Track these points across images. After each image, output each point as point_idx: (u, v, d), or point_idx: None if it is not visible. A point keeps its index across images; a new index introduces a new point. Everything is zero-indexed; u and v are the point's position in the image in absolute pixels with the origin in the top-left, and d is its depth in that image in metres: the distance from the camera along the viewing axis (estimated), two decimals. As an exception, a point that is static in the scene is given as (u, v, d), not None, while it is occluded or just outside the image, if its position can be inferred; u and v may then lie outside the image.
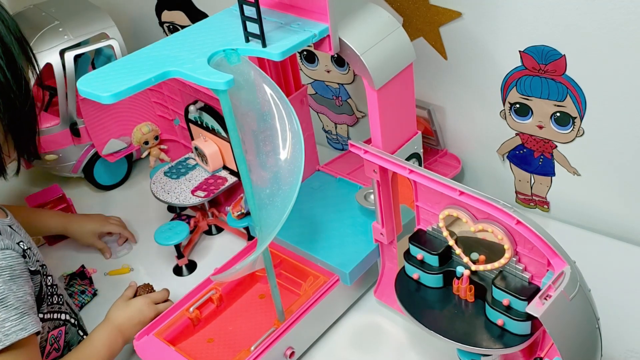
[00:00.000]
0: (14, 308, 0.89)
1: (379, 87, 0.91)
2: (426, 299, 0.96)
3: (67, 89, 1.37)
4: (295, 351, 1.04)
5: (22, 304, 0.90)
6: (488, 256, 0.90)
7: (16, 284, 0.90)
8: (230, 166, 1.30)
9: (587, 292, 0.81)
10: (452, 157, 1.33)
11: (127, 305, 1.10)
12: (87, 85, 0.79)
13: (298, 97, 1.21)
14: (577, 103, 1.09)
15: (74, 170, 1.47)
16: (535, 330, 0.86)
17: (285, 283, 1.13)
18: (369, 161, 0.97)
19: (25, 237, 1.02)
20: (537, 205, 1.30)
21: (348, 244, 1.12)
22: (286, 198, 0.79)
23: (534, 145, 1.20)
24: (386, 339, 1.10)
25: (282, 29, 0.87)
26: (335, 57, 1.38)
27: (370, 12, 0.92)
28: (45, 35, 1.35)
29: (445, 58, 1.20)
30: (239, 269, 0.92)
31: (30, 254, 0.99)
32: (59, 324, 1.06)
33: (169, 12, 1.60)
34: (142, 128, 1.38)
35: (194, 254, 1.31)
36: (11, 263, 0.91)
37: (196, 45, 0.86)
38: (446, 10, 1.13)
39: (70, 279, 1.26)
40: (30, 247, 1.00)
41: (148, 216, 1.42)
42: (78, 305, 1.22)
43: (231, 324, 1.10)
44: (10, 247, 0.92)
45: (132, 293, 1.13)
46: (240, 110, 0.82)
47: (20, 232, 1.01)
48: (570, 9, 1.00)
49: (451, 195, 0.88)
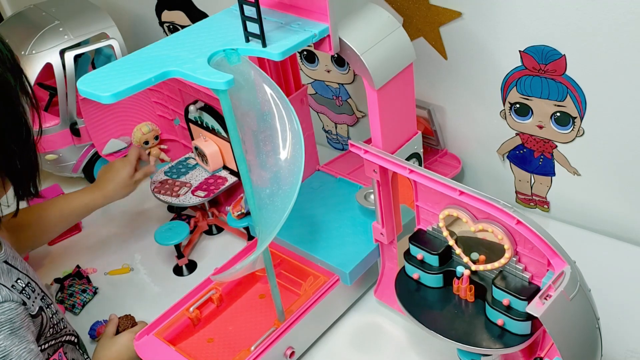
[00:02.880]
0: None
1: (379, 87, 0.91)
2: (426, 299, 0.96)
3: (67, 89, 1.37)
4: (295, 351, 1.04)
5: (26, 355, 0.86)
6: (488, 256, 0.91)
7: (18, 337, 0.86)
8: (230, 166, 1.30)
9: (587, 292, 0.81)
10: (452, 157, 1.33)
11: (113, 343, 1.08)
12: (87, 85, 0.79)
13: (298, 97, 1.21)
14: (577, 103, 1.09)
15: (74, 170, 1.47)
16: (535, 330, 0.86)
17: (285, 283, 1.13)
18: (369, 161, 0.97)
19: (22, 266, 0.97)
20: (537, 205, 1.30)
21: (348, 244, 1.12)
22: (286, 198, 0.79)
23: (534, 145, 1.20)
24: (386, 339, 1.10)
25: (282, 29, 0.87)
26: (335, 57, 1.38)
27: (370, 12, 0.92)
28: (45, 35, 1.35)
29: (445, 58, 1.20)
30: (239, 269, 0.92)
31: (30, 291, 0.93)
32: (58, 347, 1.02)
33: (169, 12, 1.60)
34: (142, 128, 1.38)
35: (194, 254, 1.31)
36: (11, 316, 0.86)
37: (196, 45, 0.86)
38: (446, 10, 1.13)
39: (68, 279, 1.26)
40: (29, 282, 0.95)
41: (148, 216, 1.42)
42: (80, 304, 1.22)
43: (231, 324, 1.10)
44: (9, 299, 0.87)
45: (114, 329, 1.11)
46: (240, 110, 0.82)
47: (16, 264, 0.96)
48: (570, 9, 1.00)
49: (451, 195, 0.88)
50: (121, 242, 1.38)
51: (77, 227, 1.39)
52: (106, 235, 1.40)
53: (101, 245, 1.37)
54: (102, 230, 1.41)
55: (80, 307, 1.22)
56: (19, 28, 1.41)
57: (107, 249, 1.36)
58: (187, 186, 1.29)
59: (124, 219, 1.43)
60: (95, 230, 1.41)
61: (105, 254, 1.35)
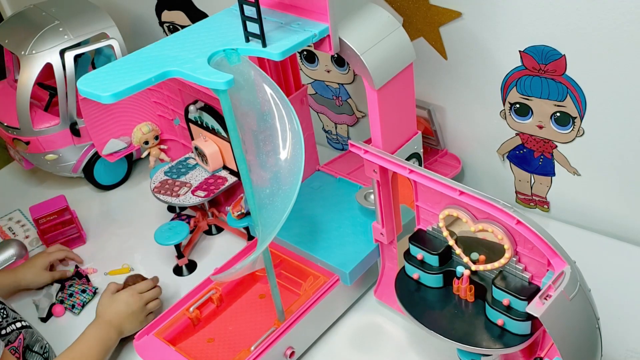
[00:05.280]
0: None
1: (379, 87, 0.91)
2: (426, 299, 0.96)
3: (67, 89, 1.37)
4: (295, 351, 1.04)
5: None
6: (488, 256, 0.90)
7: None
8: (230, 166, 1.30)
9: (587, 292, 0.81)
10: (452, 157, 1.33)
11: (113, 300, 1.11)
12: (87, 85, 0.80)
13: (298, 97, 1.21)
14: (577, 103, 1.09)
15: (74, 170, 1.47)
16: (535, 330, 0.86)
17: (285, 283, 1.13)
18: (369, 161, 0.97)
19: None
20: (537, 205, 1.30)
21: (348, 244, 1.12)
22: (286, 198, 0.79)
23: (534, 145, 1.20)
24: (386, 339, 1.10)
25: (282, 29, 0.87)
26: (335, 57, 1.38)
27: (371, 12, 0.92)
28: (45, 35, 1.35)
29: (445, 58, 1.20)
30: (239, 269, 0.92)
31: None
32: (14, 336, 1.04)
33: (169, 12, 1.60)
34: (142, 128, 1.38)
35: (194, 254, 1.31)
36: None
37: (196, 45, 0.86)
38: (446, 10, 1.13)
39: (68, 280, 1.27)
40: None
41: (148, 216, 1.42)
42: (80, 304, 1.22)
43: (231, 324, 1.10)
44: None
45: (115, 287, 1.14)
46: (240, 110, 0.82)
47: None
48: (570, 9, 1.00)
49: (451, 195, 0.88)
50: (121, 242, 1.38)
51: (81, 238, 1.38)
52: (106, 235, 1.40)
53: (101, 245, 1.37)
54: (102, 231, 1.41)
55: (80, 307, 1.22)
56: (19, 28, 1.41)
57: (107, 249, 1.36)
58: (187, 186, 1.29)
59: (124, 219, 1.43)
60: (96, 230, 1.41)
61: (106, 254, 1.35)
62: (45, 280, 1.25)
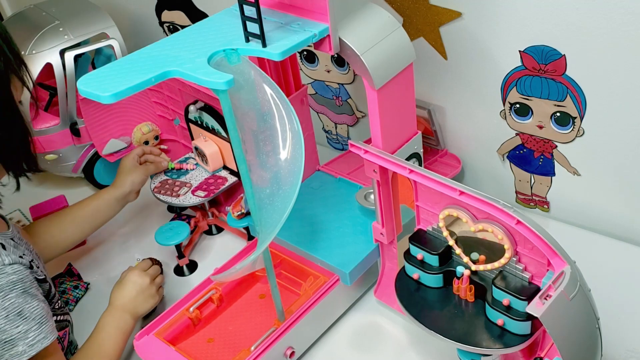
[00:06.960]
0: (32, 319, 0.90)
1: (379, 87, 0.91)
2: (426, 299, 0.96)
3: (67, 89, 1.37)
4: (295, 351, 1.04)
5: (39, 313, 0.92)
6: (488, 256, 0.91)
7: (30, 295, 0.92)
8: (230, 166, 1.30)
9: (587, 292, 0.81)
10: (452, 157, 1.33)
11: (121, 284, 1.13)
12: (87, 85, 0.80)
13: (298, 97, 1.21)
14: (577, 103, 1.09)
15: (74, 170, 1.47)
16: (535, 330, 0.86)
17: (285, 283, 1.13)
18: (369, 161, 0.97)
19: (27, 248, 1.03)
20: (537, 205, 1.30)
21: (348, 244, 1.12)
22: (286, 198, 0.79)
23: (534, 145, 1.20)
24: (386, 339, 1.10)
25: (282, 29, 0.87)
26: (335, 57, 1.38)
27: (370, 12, 0.92)
28: (45, 35, 1.35)
29: (445, 58, 1.20)
30: (239, 269, 0.92)
31: (34, 266, 0.99)
32: (62, 326, 1.08)
33: (169, 12, 1.60)
34: (142, 128, 1.38)
35: (195, 254, 1.31)
36: (21, 276, 0.93)
37: (196, 45, 0.86)
38: (446, 10, 1.13)
39: (58, 278, 1.27)
40: (33, 259, 1.01)
41: (148, 216, 1.42)
42: (73, 300, 1.23)
43: (231, 324, 1.10)
44: (18, 262, 0.94)
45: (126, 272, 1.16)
46: (240, 110, 0.82)
47: (21, 244, 1.02)
48: (570, 9, 1.00)
49: (451, 195, 0.88)
50: (121, 242, 1.37)
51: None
52: (106, 235, 1.40)
53: (101, 246, 1.37)
54: (102, 231, 1.41)
55: (73, 304, 1.23)
56: (19, 28, 1.41)
57: (107, 249, 1.36)
58: (187, 186, 1.29)
59: (124, 219, 1.43)
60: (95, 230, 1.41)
61: (106, 254, 1.35)
62: (141, 176, 1.27)
